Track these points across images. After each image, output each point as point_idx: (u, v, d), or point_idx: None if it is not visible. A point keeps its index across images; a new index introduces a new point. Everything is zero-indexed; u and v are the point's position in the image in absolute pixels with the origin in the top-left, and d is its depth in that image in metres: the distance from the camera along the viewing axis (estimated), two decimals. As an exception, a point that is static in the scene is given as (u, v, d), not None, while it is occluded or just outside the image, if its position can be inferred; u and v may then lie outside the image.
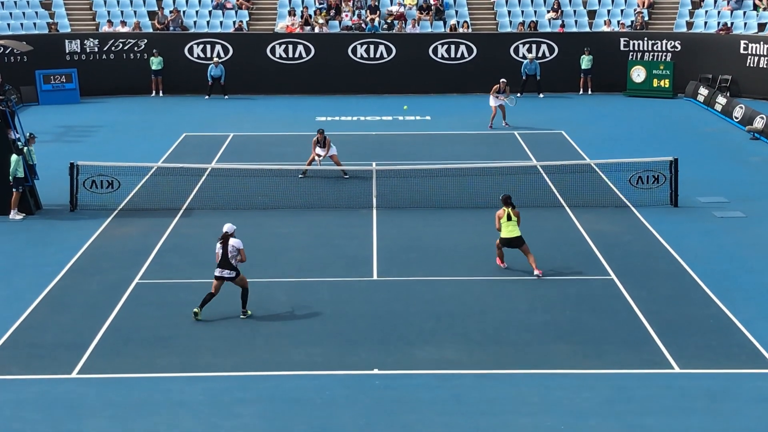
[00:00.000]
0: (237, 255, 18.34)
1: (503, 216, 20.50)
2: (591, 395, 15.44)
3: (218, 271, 18.44)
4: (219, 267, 18.41)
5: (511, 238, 20.49)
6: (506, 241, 20.60)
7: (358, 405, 15.19)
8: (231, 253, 18.32)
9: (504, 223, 20.51)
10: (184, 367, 16.53)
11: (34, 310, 19.03)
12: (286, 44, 43.32)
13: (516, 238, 20.50)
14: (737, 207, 25.68)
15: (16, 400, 15.44)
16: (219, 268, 18.41)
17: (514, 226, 20.48)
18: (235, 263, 18.38)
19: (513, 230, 20.48)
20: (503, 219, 20.50)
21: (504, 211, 20.52)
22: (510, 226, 20.46)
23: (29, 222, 24.86)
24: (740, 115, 36.35)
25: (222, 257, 18.34)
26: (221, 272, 18.42)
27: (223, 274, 18.42)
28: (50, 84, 41.45)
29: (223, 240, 18.37)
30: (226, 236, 18.38)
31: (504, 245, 20.72)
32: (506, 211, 20.51)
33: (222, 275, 18.43)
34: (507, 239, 20.54)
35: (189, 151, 32.55)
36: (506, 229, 20.48)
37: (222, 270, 18.41)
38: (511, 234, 20.47)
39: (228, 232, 18.42)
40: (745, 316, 18.49)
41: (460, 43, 43.36)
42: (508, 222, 20.47)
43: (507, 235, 20.50)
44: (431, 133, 35.53)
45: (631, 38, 43.54)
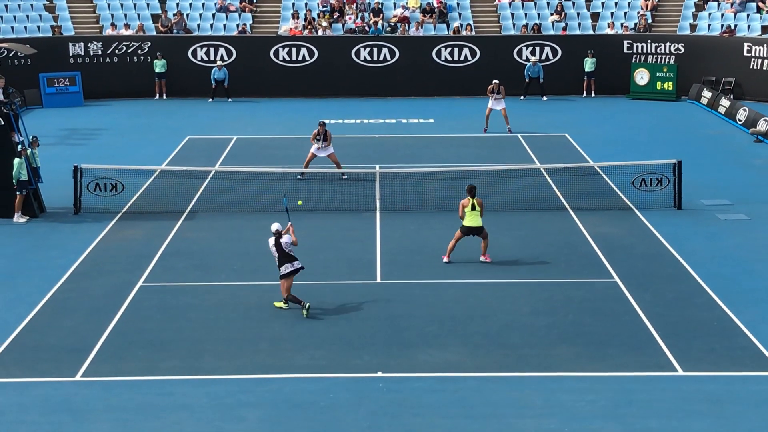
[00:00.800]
0: (291, 247, 19.01)
1: (468, 205, 21.43)
2: (594, 398, 15.43)
3: (289, 268, 18.90)
4: (285, 263, 18.89)
5: (473, 227, 21.49)
6: (468, 230, 21.53)
7: (361, 408, 15.19)
8: (286, 248, 18.95)
9: (468, 212, 21.43)
10: (188, 370, 16.54)
11: (37, 314, 19.04)
12: (290, 47, 43.34)
13: (478, 228, 21.52)
14: (741, 209, 25.66)
15: (19, 403, 15.45)
16: (288, 264, 18.89)
17: (477, 216, 21.41)
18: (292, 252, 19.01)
19: (476, 220, 21.42)
20: (467, 208, 21.43)
21: (469, 201, 21.44)
22: (473, 215, 21.38)
23: (33, 225, 24.88)
24: (744, 118, 36.32)
25: (281, 255, 18.89)
26: (292, 266, 18.93)
27: (295, 266, 18.94)
28: (54, 87, 41.49)
29: (275, 238, 18.96)
30: (277, 235, 18.99)
31: (465, 233, 21.57)
32: (471, 201, 21.40)
33: (295, 267, 18.94)
34: (469, 227, 21.50)
35: (193, 154, 32.56)
36: (470, 217, 21.42)
37: (291, 264, 18.92)
38: (473, 223, 21.46)
39: (277, 230, 19.04)
40: (749, 318, 18.48)
41: (463, 46, 43.37)
42: (472, 211, 21.40)
43: (469, 224, 21.48)
44: (434, 135, 35.53)
45: (635, 41, 43.52)
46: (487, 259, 21.75)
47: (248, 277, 20.98)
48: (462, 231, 21.58)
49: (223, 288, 20.39)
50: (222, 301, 19.65)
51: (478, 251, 22.01)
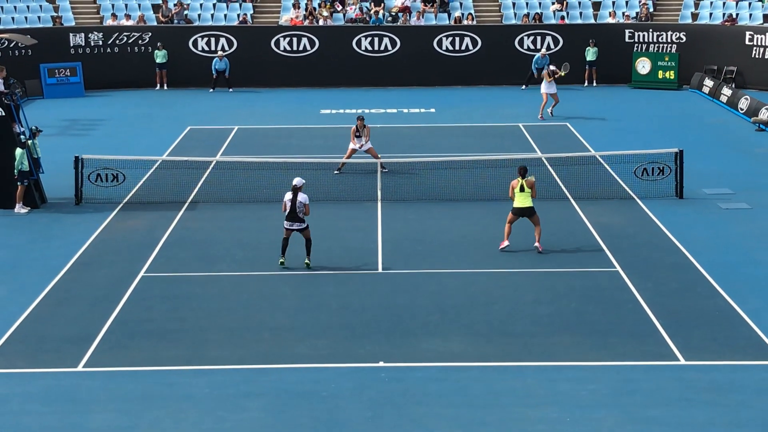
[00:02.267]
0: (303, 209, 20.12)
1: (516, 186, 21.13)
2: (597, 387, 15.44)
3: (287, 224, 20.23)
4: (288, 220, 20.20)
5: (523, 207, 21.14)
6: (518, 211, 21.21)
7: (363, 398, 15.20)
8: (298, 207, 20.11)
9: (517, 193, 21.14)
10: (190, 360, 16.55)
11: (39, 304, 19.06)
12: (291, 37, 43.29)
13: (528, 208, 21.17)
14: (743, 198, 25.64)
15: (22, 393, 15.46)
16: (288, 221, 20.20)
17: (527, 197, 21.10)
18: (302, 216, 20.15)
19: (525, 200, 21.12)
20: (516, 189, 21.13)
21: (518, 182, 21.15)
22: (523, 196, 21.08)
23: (34, 216, 24.88)
24: (746, 107, 36.28)
25: (290, 210, 20.09)
26: (291, 225, 20.22)
27: (293, 226, 20.23)
28: (55, 77, 41.48)
29: (293, 193, 20.07)
30: (295, 189, 20.12)
31: (516, 214, 21.26)
32: (520, 182, 21.11)
33: (292, 227, 20.24)
34: (519, 208, 21.17)
35: (194, 144, 32.56)
36: (519, 198, 21.12)
37: (291, 223, 20.21)
38: (523, 204, 21.13)
39: (297, 185, 20.14)
40: (751, 307, 18.48)
41: (464, 36, 43.31)
42: (521, 192, 21.08)
43: (519, 205, 21.15)
44: (436, 125, 35.51)
45: (636, 30, 43.47)
46: (540, 248, 21.28)
47: (250, 267, 20.99)
48: (513, 212, 21.34)
49: (225, 278, 20.40)
50: (224, 291, 19.66)
51: (481, 240, 21.99)
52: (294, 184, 20.30)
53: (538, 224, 21.40)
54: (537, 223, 21.38)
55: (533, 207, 21.26)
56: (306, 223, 20.47)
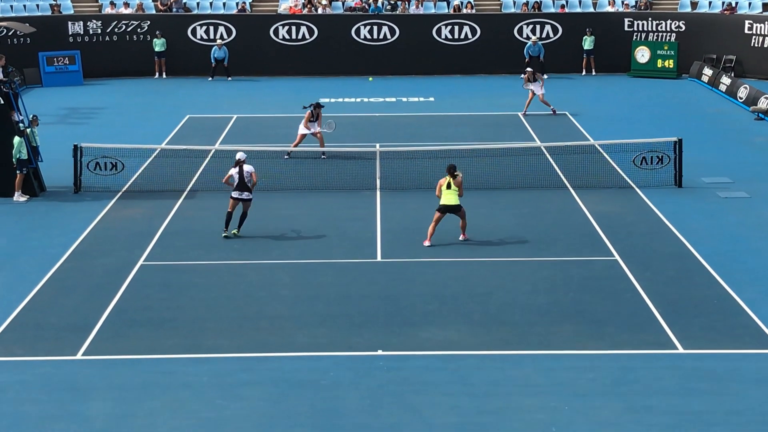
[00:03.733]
0: (250, 179, 21.61)
1: (444, 184, 21.37)
2: (595, 376, 15.46)
3: (236, 193, 21.67)
4: (237, 189, 21.66)
5: (449, 204, 21.40)
6: (445, 208, 21.48)
7: (362, 386, 15.22)
8: (246, 177, 21.60)
9: (444, 191, 21.36)
10: (189, 348, 16.56)
11: (38, 292, 19.06)
12: (290, 25, 43.23)
13: (454, 206, 21.44)
14: (741, 187, 25.64)
15: (21, 381, 15.48)
16: (237, 191, 21.66)
17: (453, 194, 21.32)
18: (251, 186, 21.66)
19: (451, 198, 21.33)
20: (443, 186, 21.37)
21: (446, 180, 21.35)
22: (450, 193, 21.31)
23: (33, 204, 24.87)
24: (745, 96, 36.26)
25: (239, 181, 21.59)
26: (240, 194, 21.67)
27: (242, 196, 21.67)
28: (53, 66, 41.43)
29: (238, 167, 21.64)
30: (239, 163, 21.71)
31: (442, 212, 21.48)
32: (447, 179, 21.32)
33: (241, 197, 21.67)
34: (446, 206, 21.44)
35: (192, 132, 32.53)
36: (446, 196, 21.36)
37: (241, 192, 21.67)
38: (449, 201, 21.37)
39: (241, 159, 21.80)
40: (750, 296, 18.49)
41: (463, 24, 43.25)
42: (448, 190, 21.31)
43: (446, 202, 21.41)
44: (435, 114, 35.48)
45: (635, 18, 43.41)
46: (465, 237, 21.68)
47: (249, 255, 20.99)
48: (439, 210, 21.43)
49: (224, 266, 20.40)
50: (223, 279, 19.66)
51: (479, 228, 22.01)
52: (238, 157, 21.89)
53: (464, 218, 21.67)
54: (463, 218, 21.66)
55: (460, 204, 21.42)
56: (251, 195, 21.82)
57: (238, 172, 21.63)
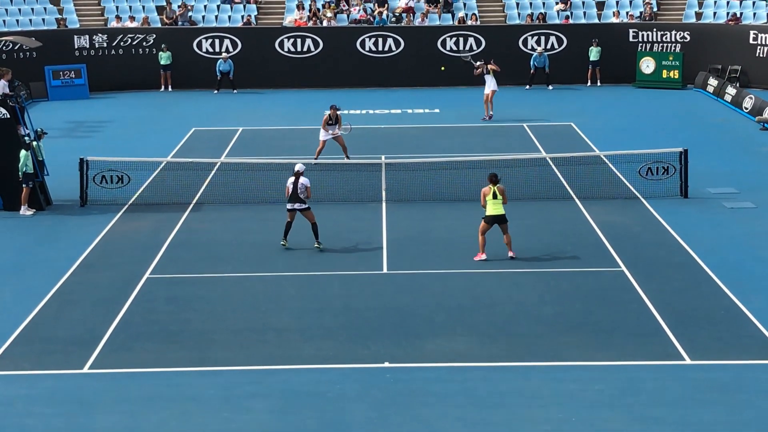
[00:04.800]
0: (304, 191, 21.51)
1: (489, 194, 20.83)
2: (602, 387, 15.42)
3: (289, 205, 21.63)
4: (290, 201, 21.62)
5: (497, 215, 20.81)
6: (492, 219, 20.87)
7: (369, 398, 15.20)
8: (300, 189, 21.50)
9: (490, 201, 20.83)
10: (195, 361, 16.56)
11: (45, 306, 19.07)
12: (295, 38, 43.32)
13: (501, 216, 20.86)
14: (748, 198, 25.61)
15: (27, 395, 15.48)
16: (290, 203, 21.62)
17: (499, 204, 20.79)
18: (303, 197, 21.50)
19: (498, 208, 20.79)
20: (489, 197, 20.83)
21: (490, 189, 20.84)
22: (496, 203, 20.77)
23: (40, 218, 24.91)
24: (750, 106, 36.25)
25: (292, 192, 21.55)
26: (292, 205, 21.60)
27: (294, 206, 21.59)
28: (59, 80, 41.53)
29: (295, 177, 21.54)
30: (297, 174, 21.57)
31: (489, 223, 20.92)
32: (492, 189, 20.81)
33: (294, 208, 21.61)
34: (493, 216, 20.83)
35: (198, 145, 32.58)
36: (492, 206, 20.79)
37: (293, 203, 21.59)
38: (496, 212, 20.79)
39: (299, 170, 21.63)
40: (757, 307, 18.44)
41: (468, 36, 43.31)
42: (494, 200, 20.79)
43: (493, 212, 20.79)
44: (440, 125, 35.51)
45: (640, 29, 43.44)
46: (513, 255, 21.00)
47: (255, 267, 20.99)
48: (486, 221, 20.91)
49: (230, 279, 20.40)
50: (229, 292, 19.67)
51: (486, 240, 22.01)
52: (296, 169, 21.65)
53: (507, 232, 21.02)
54: (506, 231, 21.00)
55: (505, 214, 20.88)
56: (307, 204, 21.59)
57: (293, 182, 21.58)
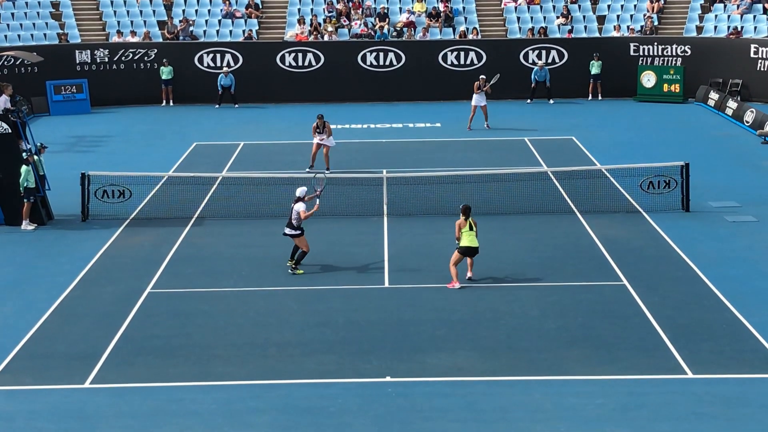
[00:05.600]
0: (298, 218, 21.13)
1: (465, 226, 20.58)
2: (604, 401, 15.41)
3: (285, 229, 21.42)
4: (286, 225, 21.38)
5: (471, 247, 20.59)
6: (466, 250, 20.62)
7: (370, 413, 15.19)
8: (293, 216, 21.21)
9: (465, 232, 20.56)
10: (197, 376, 16.55)
11: (46, 321, 19.07)
12: (296, 52, 43.37)
13: (475, 248, 20.68)
14: (749, 211, 25.61)
15: (29, 410, 15.47)
16: (286, 228, 21.40)
17: (473, 236, 20.60)
18: (297, 224, 21.16)
19: (473, 240, 20.59)
20: (464, 229, 20.57)
21: (465, 222, 20.60)
22: (471, 235, 20.56)
23: (41, 232, 24.92)
24: (751, 119, 36.27)
25: (289, 218, 21.35)
26: (285, 230, 21.43)
27: (286, 231, 21.41)
28: (61, 94, 41.57)
29: (295, 202, 21.31)
30: (297, 199, 21.31)
31: (463, 253, 20.66)
32: (468, 222, 20.59)
33: (284, 232, 21.44)
34: (468, 248, 20.60)
35: (200, 160, 32.60)
36: (467, 238, 20.54)
37: (286, 228, 21.41)
38: (471, 243, 20.56)
39: (299, 196, 21.41)
40: (759, 320, 18.43)
41: (469, 50, 43.37)
42: (470, 231, 20.58)
43: (468, 244, 20.56)
44: (441, 140, 35.52)
45: (641, 43, 43.48)
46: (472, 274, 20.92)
47: (256, 282, 20.99)
48: (460, 252, 20.72)
49: (232, 294, 20.40)
50: (230, 306, 19.66)
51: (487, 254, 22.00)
52: (296, 194, 21.51)
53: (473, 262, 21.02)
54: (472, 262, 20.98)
55: (478, 246, 20.71)
56: (300, 231, 21.28)
57: (291, 207, 21.44)
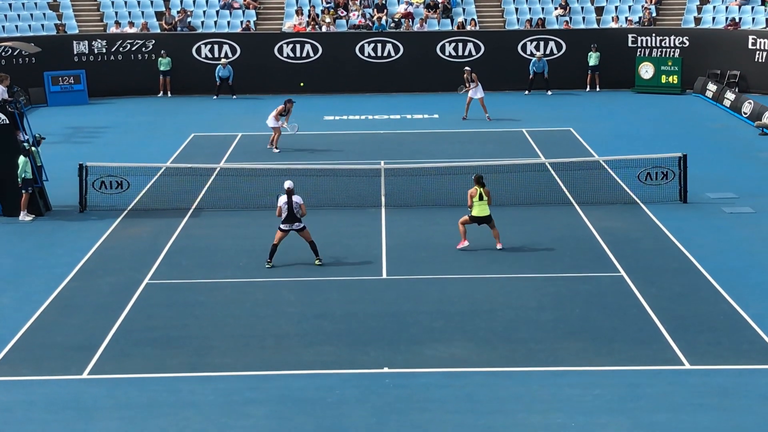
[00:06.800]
0: (299, 209, 20.73)
1: (476, 195, 21.60)
2: (602, 392, 15.43)
3: (285, 226, 20.86)
4: (287, 222, 20.83)
5: (483, 216, 21.71)
6: (478, 219, 21.74)
7: (368, 404, 15.20)
8: (295, 208, 20.71)
9: (476, 202, 21.61)
10: (195, 367, 16.55)
11: (44, 312, 19.07)
12: (294, 44, 43.33)
13: (487, 216, 21.75)
14: (746, 203, 25.63)
15: (27, 401, 15.47)
16: (287, 223, 20.84)
17: (485, 205, 21.64)
18: (299, 216, 20.78)
19: (484, 209, 21.66)
20: (475, 198, 21.60)
21: (476, 191, 21.59)
22: (482, 205, 21.60)
23: (39, 223, 24.91)
24: (749, 111, 36.26)
25: (288, 212, 20.73)
26: (290, 226, 20.87)
27: (292, 227, 20.88)
28: (59, 85, 41.52)
29: (287, 195, 20.71)
30: (289, 192, 20.76)
31: (474, 222, 21.79)
32: (478, 191, 21.57)
33: (291, 228, 20.87)
34: (479, 217, 21.72)
35: (198, 151, 32.59)
36: (478, 208, 21.63)
37: (291, 224, 20.86)
38: (482, 213, 21.68)
39: (289, 188, 20.79)
40: (756, 312, 18.45)
41: (467, 41, 43.34)
42: (480, 201, 21.60)
43: (479, 214, 21.68)
44: (439, 131, 35.52)
45: (639, 34, 43.45)
46: (501, 246, 21.91)
47: (254, 273, 21.00)
48: (472, 220, 21.83)
49: (230, 285, 20.40)
50: (228, 297, 19.67)
51: (485, 244, 22.01)
52: (286, 187, 20.89)
53: (495, 227, 21.95)
54: (494, 226, 21.94)
55: (490, 215, 21.74)
56: (303, 223, 21.00)
57: (286, 202, 20.78)
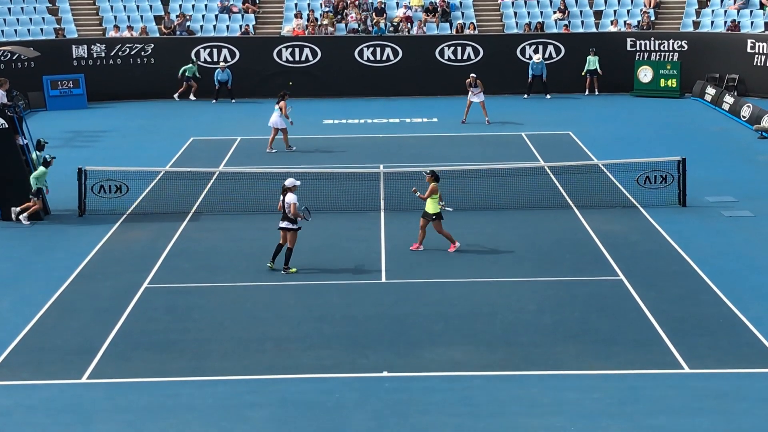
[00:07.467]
0: (289, 209, 20.51)
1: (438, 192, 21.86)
2: (601, 396, 15.42)
3: (280, 223, 20.82)
4: (281, 219, 20.76)
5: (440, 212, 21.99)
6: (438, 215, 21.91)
7: (368, 408, 15.19)
8: (286, 207, 20.62)
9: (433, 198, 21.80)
10: (194, 371, 16.55)
11: (43, 316, 19.06)
12: (293, 47, 43.35)
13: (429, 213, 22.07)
14: (745, 206, 25.64)
15: (26, 405, 15.46)
16: (281, 220, 20.78)
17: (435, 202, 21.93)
18: (290, 216, 20.54)
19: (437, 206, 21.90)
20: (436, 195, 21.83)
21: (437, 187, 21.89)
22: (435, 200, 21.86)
23: (38, 227, 24.90)
24: (748, 114, 36.29)
25: (283, 210, 20.70)
26: (281, 223, 20.83)
27: (281, 224, 20.82)
28: (58, 89, 41.51)
29: (283, 193, 20.67)
30: (283, 190, 20.66)
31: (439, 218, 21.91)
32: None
33: (281, 226, 20.81)
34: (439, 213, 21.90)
35: (197, 155, 32.59)
36: (435, 204, 21.81)
37: (282, 222, 20.79)
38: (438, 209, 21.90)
39: (286, 186, 20.68)
40: (755, 315, 18.46)
41: (466, 45, 43.37)
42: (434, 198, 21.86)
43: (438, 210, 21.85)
44: (438, 135, 35.53)
45: (638, 38, 43.50)
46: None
47: (253, 277, 21.00)
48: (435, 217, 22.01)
49: (229, 288, 20.40)
50: (227, 301, 19.66)
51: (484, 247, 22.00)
52: (284, 184, 20.86)
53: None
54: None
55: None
56: (295, 226, 20.75)
57: (281, 198, 20.84)
